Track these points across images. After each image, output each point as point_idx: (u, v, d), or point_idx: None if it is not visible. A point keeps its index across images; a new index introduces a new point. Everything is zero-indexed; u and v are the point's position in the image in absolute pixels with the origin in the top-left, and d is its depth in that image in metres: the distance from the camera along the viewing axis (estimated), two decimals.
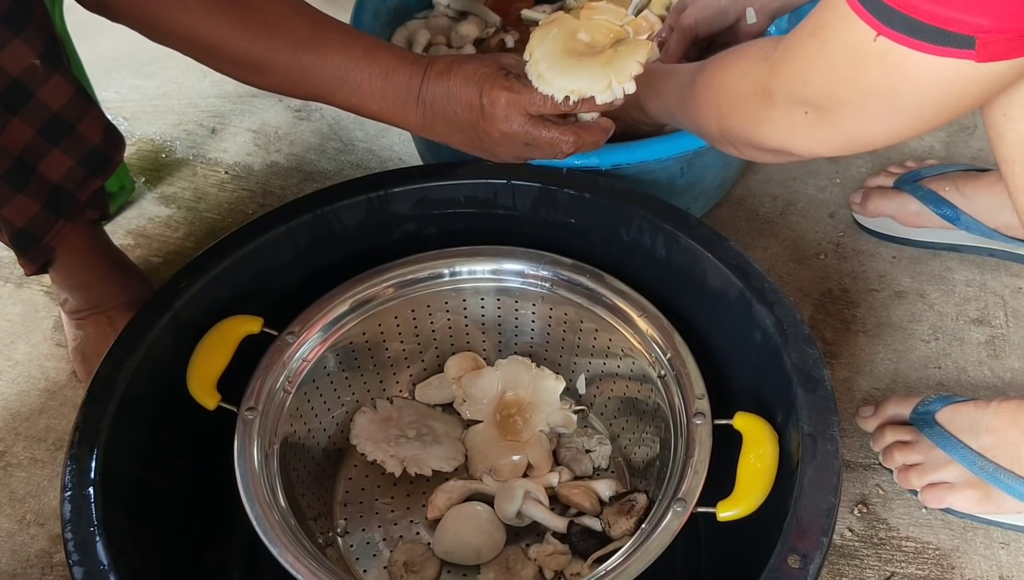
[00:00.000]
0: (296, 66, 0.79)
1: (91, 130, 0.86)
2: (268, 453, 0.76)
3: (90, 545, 0.66)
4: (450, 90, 0.78)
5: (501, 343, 0.95)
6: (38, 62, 0.77)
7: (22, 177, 0.82)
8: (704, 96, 0.79)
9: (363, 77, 0.79)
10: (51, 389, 1.04)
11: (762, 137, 0.73)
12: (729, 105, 0.76)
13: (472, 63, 0.79)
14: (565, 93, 0.74)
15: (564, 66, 0.75)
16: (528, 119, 0.77)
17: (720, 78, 0.77)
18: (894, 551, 0.89)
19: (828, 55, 0.62)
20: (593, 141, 0.79)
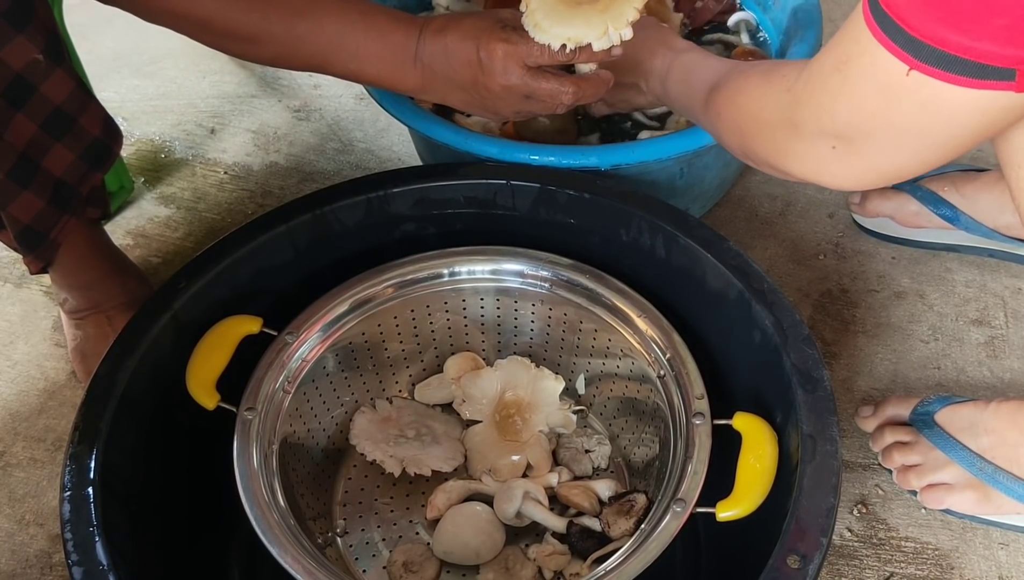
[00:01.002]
0: (292, 35, 0.78)
1: (91, 123, 0.86)
2: (267, 453, 0.76)
3: (89, 545, 0.66)
4: (448, 47, 0.78)
5: (500, 343, 0.95)
6: (40, 57, 0.77)
7: (26, 173, 0.82)
8: (726, 112, 0.78)
9: (360, 41, 0.79)
10: (50, 389, 1.04)
11: (787, 166, 0.72)
12: (752, 130, 0.74)
13: (469, 19, 0.79)
14: (562, 41, 0.74)
15: (560, 15, 0.75)
16: (527, 71, 0.76)
17: (742, 99, 0.75)
18: (893, 551, 0.89)
19: (855, 89, 0.61)
20: (593, 92, 0.80)
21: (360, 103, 1.35)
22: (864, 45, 0.58)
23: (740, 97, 0.75)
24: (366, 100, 1.32)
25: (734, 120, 0.77)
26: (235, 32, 0.79)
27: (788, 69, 0.70)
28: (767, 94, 0.71)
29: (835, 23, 1.42)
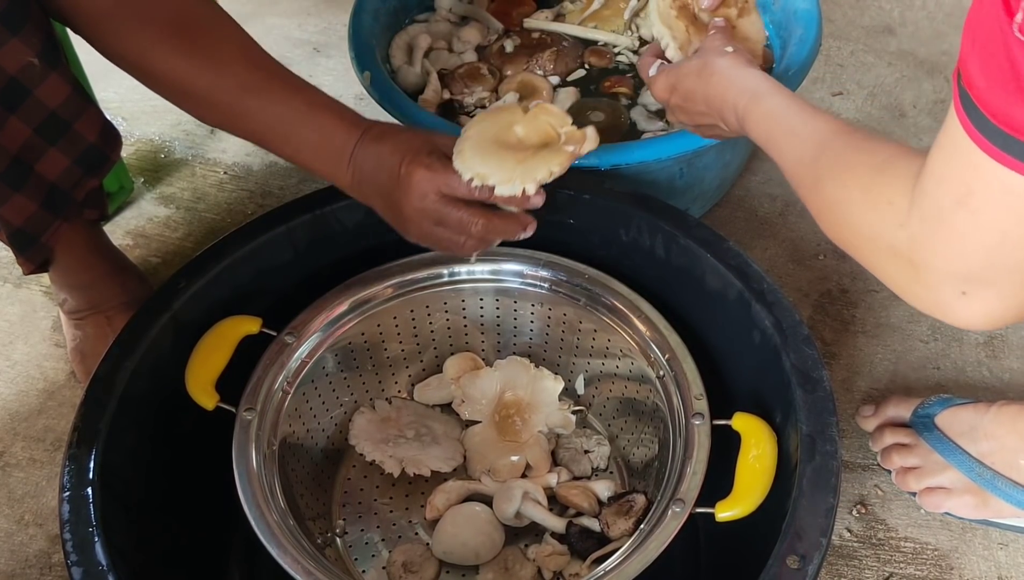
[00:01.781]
0: (238, 108, 0.78)
1: (88, 129, 0.86)
2: (267, 453, 0.76)
3: (88, 545, 0.66)
4: (379, 155, 0.77)
5: (500, 343, 0.95)
6: (36, 60, 0.77)
7: (19, 176, 0.82)
8: (826, 217, 0.67)
9: (301, 131, 0.79)
10: (50, 389, 1.04)
11: (899, 293, 0.62)
12: (863, 252, 0.64)
13: (405, 134, 0.79)
14: (470, 174, 0.74)
15: (485, 151, 0.75)
16: (441, 197, 0.75)
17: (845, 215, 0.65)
18: (893, 551, 0.89)
19: (991, 224, 0.53)
20: (504, 229, 0.77)
21: (360, 103, 1.34)
22: (987, 172, 0.50)
23: (842, 211, 0.65)
24: (366, 100, 1.32)
25: (838, 231, 0.66)
26: (184, 91, 0.79)
27: (893, 191, 0.60)
28: (876, 222, 0.61)
29: (834, 23, 1.42)
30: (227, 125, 0.81)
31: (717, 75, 0.78)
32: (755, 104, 0.75)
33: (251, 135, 0.81)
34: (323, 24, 1.48)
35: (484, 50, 1.21)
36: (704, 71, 0.79)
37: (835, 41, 1.40)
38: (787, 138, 0.71)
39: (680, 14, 0.88)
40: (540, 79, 1.15)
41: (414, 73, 1.16)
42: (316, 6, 1.52)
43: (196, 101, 0.80)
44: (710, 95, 0.78)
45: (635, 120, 1.11)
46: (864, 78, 1.35)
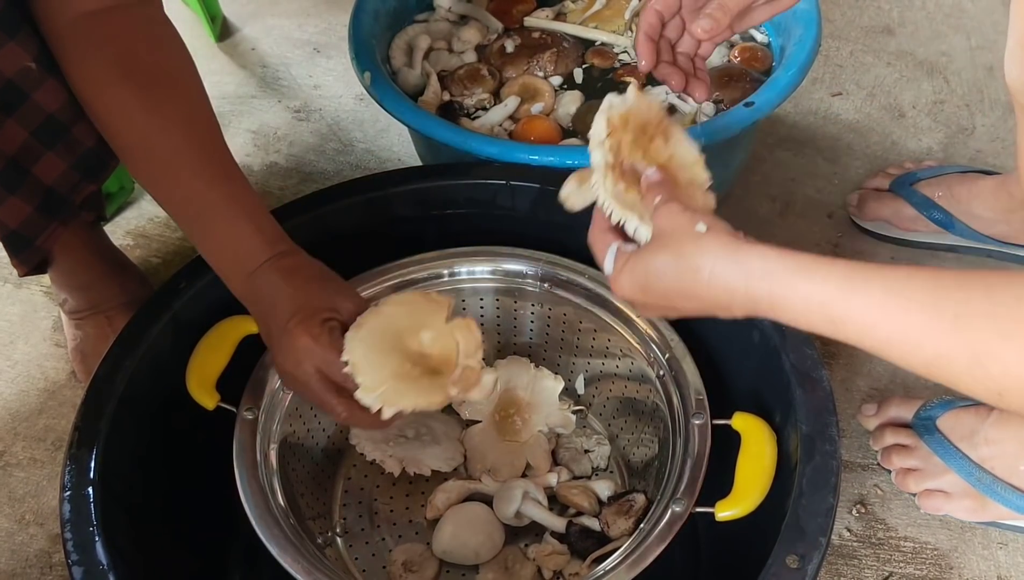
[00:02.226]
0: (159, 173, 0.76)
1: (86, 133, 0.86)
2: (267, 453, 0.76)
3: (89, 545, 0.66)
4: (276, 293, 0.72)
5: (500, 343, 0.95)
6: (33, 64, 0.77)
7: (15, 179, 0.82)
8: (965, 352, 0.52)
9: (213, 221, 0.74)
10: (50, 389, 1.04)
11: None
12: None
13: (313, 285, 0.73)
14: (348, 359, 0.69)
15: (377, 344, 0.70)
16: (315, 371, 0.70)
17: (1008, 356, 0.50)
18: (892, 551, 0.89)
19: None
20: (364, 423, 0.71)
21: (360, 103, 1.35)
22: None
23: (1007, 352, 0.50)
24: (366, 100, 1.32)
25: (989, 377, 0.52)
26: (122, 147, 0.77)
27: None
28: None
29: (834, 23, 1.42)
30: (149, 188, 0.77)
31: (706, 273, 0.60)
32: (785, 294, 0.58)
33: (163, 203, 0.77)
34: (323, 24, 1.48)
35: (484, 50, 1.21)
36: (685, 270, 0.61)
37: (834, 41, 1.40)
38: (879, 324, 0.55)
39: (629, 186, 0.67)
40: (542, 81, 1.15)
41: (414, 75, 1.16)
42: (316, 6, 1.52)
43: (129, 160, 0.77)
44: (703, 296, 0.61)
45: None
46: (863, 78, 1.35)
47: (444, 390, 0.69)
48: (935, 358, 0.52)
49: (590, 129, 0.68)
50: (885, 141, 1.26)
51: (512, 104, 1.12)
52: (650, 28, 0.83)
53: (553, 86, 1.15)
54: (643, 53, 0.83)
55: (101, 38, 0.75)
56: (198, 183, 0.75)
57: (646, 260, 0.63)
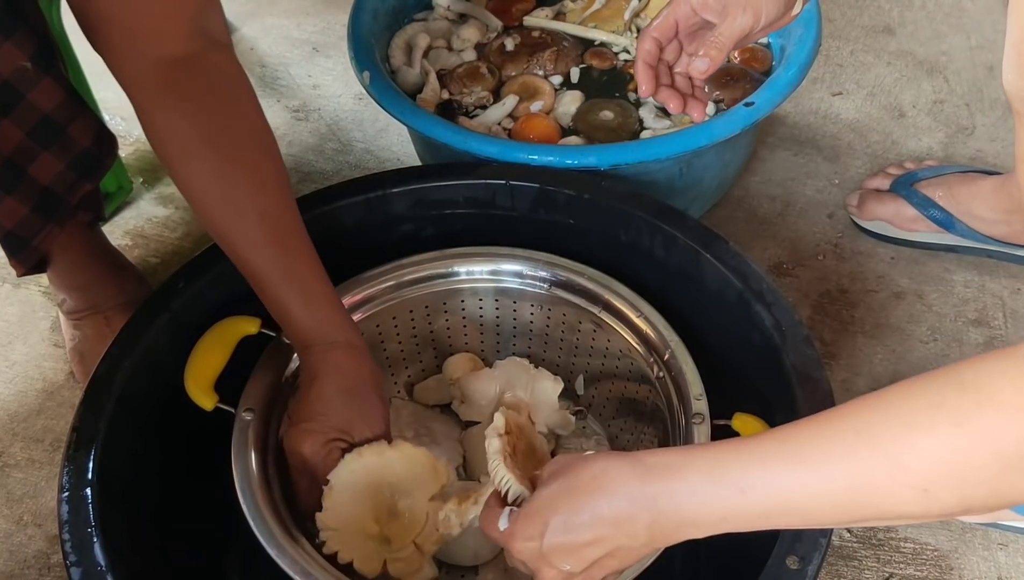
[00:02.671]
0: (242, 253, 0.76)
1: (82, 133, 0.86)
2: (266, 454, 0.76)
3: (87, 546, 0.66)
4: (314, 382, 0.74)
5: (500, 344, 0.95)
6: (28, 64, 0.77)
7: (11, 179, 0.82)
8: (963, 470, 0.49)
9: (285, 302, 0.75)
10: (48, 390, 1.04)
11: None
12: (1018, 477, 0.47)
13: (341, 401, 0.74)
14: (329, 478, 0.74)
15: (353, 484, 0.74)
16: (302, 469, 0.73)
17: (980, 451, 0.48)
18: (892, 552, 0.89)
19: None
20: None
21: (359, 103, 1.34)
22: None
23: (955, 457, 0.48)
24: (365, 100, 1.32)
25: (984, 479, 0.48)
26: (199, 211, 0.77)
27: (1010, 393, 0.47)
28: (1012, 427, 0.47)
29: (834, 23, 1.42)
30: (221, 243, 0.77)
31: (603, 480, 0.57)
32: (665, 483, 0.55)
33: (248, 277, 0.77)
34: (322, 24, 1.48)
35: (483, 48, 1.21)
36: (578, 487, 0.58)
37: (834, 41, 1.40)
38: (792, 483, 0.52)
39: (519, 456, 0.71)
40: (542, 80, 1.15)
41: (413, 73, 1.16)
42: (315, 6, 1.52)
43: (200, 207, 0.77)
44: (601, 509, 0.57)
45: (643, 118, 1.11)
46: (863, 78, 1.35)
47: (381, 561, 0.73)
48: (852, 479, 0.50)
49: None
50: (885, 141, 1.26)
51: (511, 103, 1.12)
52: (648, 55, 0.85)
53: (553, 85, 1.15)
54: (642, 80, 0.85)
55: (179, 94, 0.74)
56: (270, 265, 0.75)
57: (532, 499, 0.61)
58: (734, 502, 0.53)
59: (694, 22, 0.84)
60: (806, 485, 0.51)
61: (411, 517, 0.76)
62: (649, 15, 1.23)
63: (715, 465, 0.54)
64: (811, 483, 0.51)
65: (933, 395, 0.50)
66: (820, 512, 0.52)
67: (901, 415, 0.50)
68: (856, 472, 0.50)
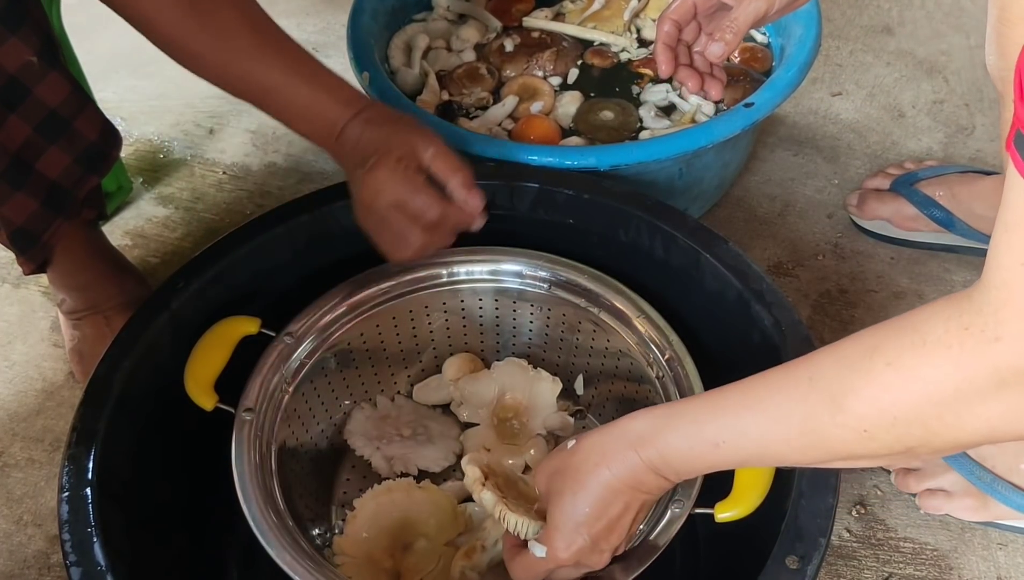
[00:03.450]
0: (237, 69, 0.80)
1: (88, 127, 0.86)
2: (265, 454, 0.76)
3: (87, 546, 0.66)
4: (361, 139, 0.79)
5: (499, 344, 0.95)
6: (35, 59, 0.77)
7: (20, 175, 0.82)
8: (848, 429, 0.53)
9: (297, 101, 0.80)
10: (48, 390, 1.04)
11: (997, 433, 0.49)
12: (950, 415, 0.49)
13: (392, 128, 0.79)
14: (356, 505, 0.82)
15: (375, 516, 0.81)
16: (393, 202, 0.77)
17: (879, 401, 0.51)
18: (892, 552, 0.89)
19: None
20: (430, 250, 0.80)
21: None
22: None
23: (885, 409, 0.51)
24: None
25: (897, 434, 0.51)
26: (179, 43, 0.80)
27: (940, 331, 0.48)
28: (954, 374, 0.48)
29: (833, 23, 1.42)
30: (222, 84, 0.82)
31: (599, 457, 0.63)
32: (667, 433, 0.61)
33: (245, 95, 0.82)
34: (322, 24, 1.48)
35: (483, 49, 1.21)
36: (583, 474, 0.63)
37: (834, 41, 1.40)
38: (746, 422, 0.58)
39: (506, 491, 0.71)
40: (542, 81, 1.15)
41: (413, 74, 1.16)
42: (315, 6, 1.52)
43: (194, 59, 0.81)
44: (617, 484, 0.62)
45: (643, 117, 1.11)
46: (863, 78, 1.35)
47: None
48: (803, 423, 0.54)
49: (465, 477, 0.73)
50: (885, 141, 1.26)
51: (511, 104, 1.12)
52: (668, 37, 0.89)
53: (553, 86, 1.15)
54: (662, 61, 0.89)
55: None
56: (275, 75, 0.80)
57: (553, 504, 0.64)
58: (714, 455, 0.59)
59: (712, 4, 0.87)
60: (768, 432, 0.56)
61: (424, 556, 0.78)
62: (648, 15, 1.23)
63: (693, 426, 0.60)
64: (772, 430, 0.56)
65: (875, 339, 0.52)
66: (784, 455, 0.57)
67: (846, 358, 0.53)
68: (807, 416, 0.54)
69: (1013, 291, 0.45)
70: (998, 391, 0.47)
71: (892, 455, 0.53)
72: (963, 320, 0.47)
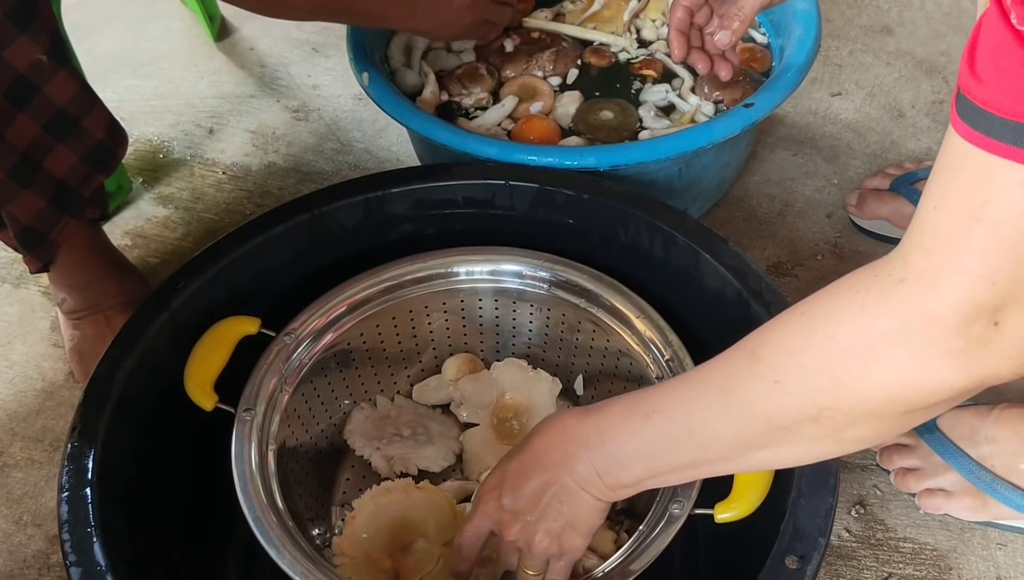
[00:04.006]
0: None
1: (96, 125, 0.86)
2: (265, 454, 0.76)
3: (87, 546, 0.66)
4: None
5: (499, 344, 0.95)
6: (44, 58, 0.77)
7: (28, 173, 0.82)
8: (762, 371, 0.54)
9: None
10: (48, 390, 1.04)
11: (919, 390, 0.49)
12: (855, 364, 0.50)
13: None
14: (355, 506, 0.83)
15: (375, 514, 0.81)
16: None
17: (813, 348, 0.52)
18: (891, 552, 0.89)
19: (1014, 229, 0.45)
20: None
21: (358, 103, 1.35)
22: (1003, 174, 0.44)
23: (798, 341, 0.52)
24: (364, 100, 1.32)
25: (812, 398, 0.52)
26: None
27: (852, 280, 0.52)
28: (859, 317, 0.50)
29: (833, 23, 1.42)
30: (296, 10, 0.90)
31: (531, 440, 0.67)
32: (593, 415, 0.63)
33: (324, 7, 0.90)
34: (322, 24, 1.48)
35: (483, 49, 1.21)
36: (515, 449, 0.69)
37: (833, 41, 1.40)
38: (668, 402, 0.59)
39: None
40: (541, 82, 1.15)
41: (412, 74, 1.16)
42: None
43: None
44: (538, 455, 0.66)
45: (643, 117, 1.11)
46: (863, 78, 1.35)
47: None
48: (725, 381, 0.55)
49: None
50: (884, 141, 1.26)
51: (510, 104, 1.12)
52: (680, 23, 0.96)
53: (552, 86, 1.15)
54: (674, 47, 0.97)
55: None
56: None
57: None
58: (644, 429, 0.59)
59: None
60: (696, 397, 0.57)
61: (423, 557, 0.78)
62: (648, 15, 1.23)
63: (634, 398, 0.61)
64: (699, 394, 0.57)
65: (807, 299, 0.54)
66: (709, 426, 0.57)
67: (775, 318, 0.55)
68: (729, 373, 0.55)
69: (923, 233, 0.47)
70: (902, 336, 0.47)
71: (808, 421, 0.52)
72: (876, 269, 0.49)
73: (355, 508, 0.81)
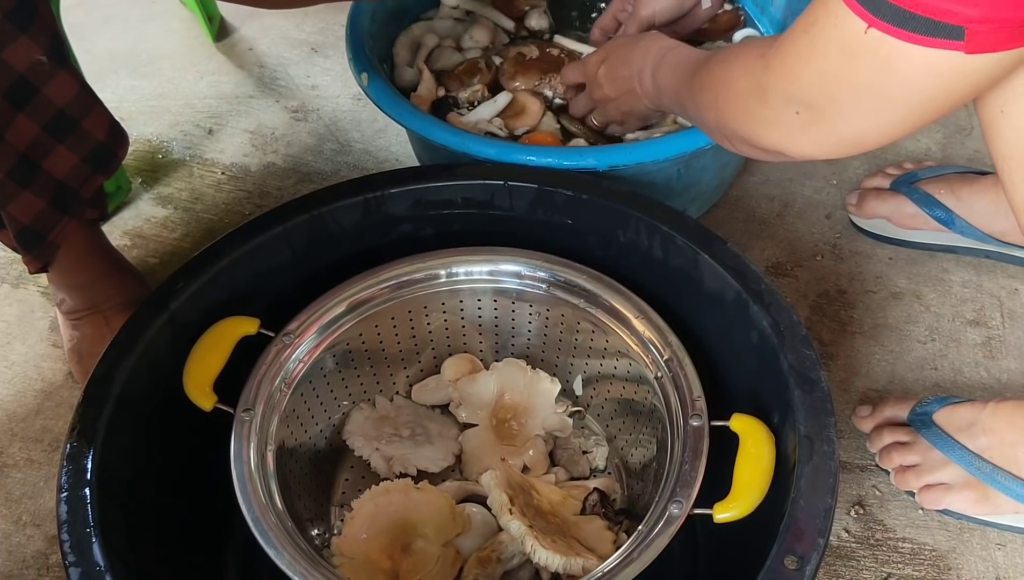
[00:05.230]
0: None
1: (96, 126, 0.86)
2: (264, 454, 0.76)
3: (86, 546, 0.66)
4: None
5: (498, 344, 0.95)
6: (44, 58, 0.77)
7: (27, 174, 0.82)
8: (704, 85, 0.79)
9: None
10: (47, 390, 1.04)
11: (755, 135, 0.72)
12: (725, 99, 0.75)
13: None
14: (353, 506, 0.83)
15: (375, 515, 0.81)
16: None
17: (720, 70, 0.77)
18: (891, 552, 0.89)
19: (820, 51, 0.61)
20: None
21: (357, 103, 1.35)
22: (832, 7, 0.58)
23: (717, 68, 0.77)
24: (363, 100, 1.32)
25: (711, 94, 0.77)
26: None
27: (764, 39, 0.74)
28: (742, 63, 0.72)
29: None
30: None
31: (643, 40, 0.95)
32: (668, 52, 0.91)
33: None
34: (320, 24, 1.48)
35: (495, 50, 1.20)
36: (632, 39, 0.97)
37: None
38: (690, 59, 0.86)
39: (526, 511, 0.78)
40: (534, 101, 1.12)
41: (412, 71, 1.16)
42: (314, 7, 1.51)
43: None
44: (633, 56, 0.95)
45: None
46: None
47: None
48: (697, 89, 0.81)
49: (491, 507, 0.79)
50: None
51: (503, 100, 1.11)
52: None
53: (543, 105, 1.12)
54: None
55: None
56: None
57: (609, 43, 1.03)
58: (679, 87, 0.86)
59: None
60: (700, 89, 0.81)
61: (423, 557, 0.78)
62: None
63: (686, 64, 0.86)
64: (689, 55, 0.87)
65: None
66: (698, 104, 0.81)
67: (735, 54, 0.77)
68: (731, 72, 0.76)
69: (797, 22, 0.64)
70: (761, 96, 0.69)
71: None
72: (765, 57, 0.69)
73: (354, 508, 0.81)
